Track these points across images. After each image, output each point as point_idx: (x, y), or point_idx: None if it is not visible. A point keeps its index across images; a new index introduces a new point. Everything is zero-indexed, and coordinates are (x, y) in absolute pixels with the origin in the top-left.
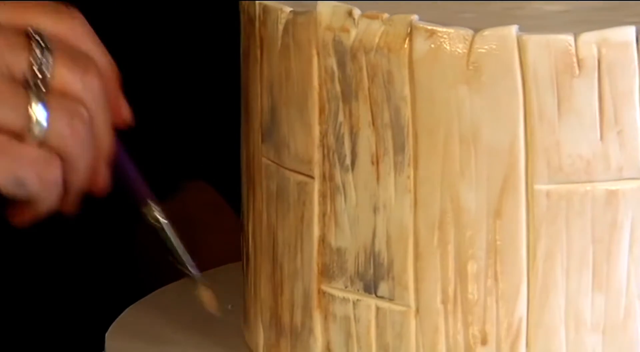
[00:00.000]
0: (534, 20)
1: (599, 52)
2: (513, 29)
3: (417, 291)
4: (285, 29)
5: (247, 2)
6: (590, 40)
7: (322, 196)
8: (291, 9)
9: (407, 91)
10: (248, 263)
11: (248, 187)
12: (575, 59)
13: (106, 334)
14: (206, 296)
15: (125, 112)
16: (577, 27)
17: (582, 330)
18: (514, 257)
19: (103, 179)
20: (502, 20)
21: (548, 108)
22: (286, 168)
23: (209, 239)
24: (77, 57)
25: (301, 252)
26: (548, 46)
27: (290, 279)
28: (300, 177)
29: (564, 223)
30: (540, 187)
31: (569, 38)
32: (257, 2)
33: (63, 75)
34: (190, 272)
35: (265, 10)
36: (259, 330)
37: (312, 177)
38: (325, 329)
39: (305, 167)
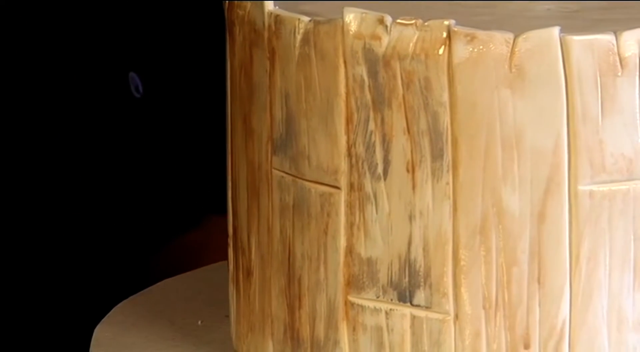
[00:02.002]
0: (551, 20)
1: None
2: (555, 30)
3: (456, 297)
4: (305, 38)
5: (249, 13)
6: (631, 39)
7: (350, 206)
8: (310, 18)
9: (446, 97)
10: (249, 277)
11: (250, 201)
12: (617, 58)
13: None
14: None
15: None
16: (602, 26)
17: (624, 329)
18: (557, 259)
19: None
20: (521, 22)
21: (591, 108)
22: (306, 180)
23: None
24: None
25: (324, 264)
26: (591, 46)
27: (311, 292)
28: (324, 188)
29: (607, 223)
30: (584, 187)
31: (611, 37)
32: (266, 12)
33: None
34: None
35: (278, 20)
36: (267, 344)
37: (337, 188)
38: (353, 341)
39: (330, 178)
